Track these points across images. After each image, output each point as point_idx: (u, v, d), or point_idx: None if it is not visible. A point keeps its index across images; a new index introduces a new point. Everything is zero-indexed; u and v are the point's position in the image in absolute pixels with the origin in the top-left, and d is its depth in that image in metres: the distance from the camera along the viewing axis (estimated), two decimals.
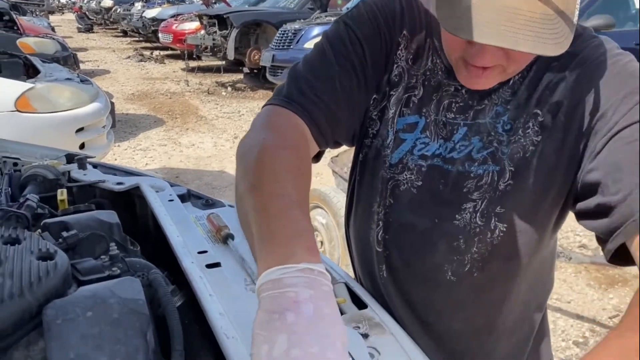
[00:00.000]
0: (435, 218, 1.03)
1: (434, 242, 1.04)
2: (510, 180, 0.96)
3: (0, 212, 1.04)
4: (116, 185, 1.48)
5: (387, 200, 1.07)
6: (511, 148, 0.95)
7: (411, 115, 1.02)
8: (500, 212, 0.98)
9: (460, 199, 1.00)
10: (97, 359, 0.75)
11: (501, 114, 0.96)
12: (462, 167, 0.99)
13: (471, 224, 1.00)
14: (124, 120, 7.60)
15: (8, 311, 0.76)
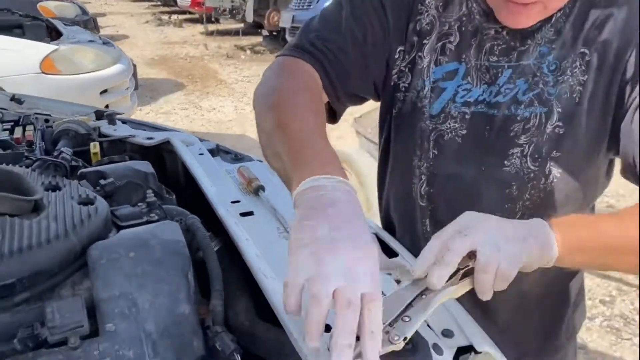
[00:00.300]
0: (482, 166, 1.01)
1: (481, 191, 1.02)
2: (558, 122, 0.94)
3: (39, 161, 1.06)
4: (146, 140, 1.50)
5: (430, 153, 1.04)
6: (558, 89, 0.93)
7: (449, 63, 1.00)
8: (557, 157, 0.96)
9: (507, 144, 0.98)
10: (140, 297, 0.78)
11: (546, 54, 0.94)
12: (507, 110, 0.97)
13: (523, 169, 0.98)
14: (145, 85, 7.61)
15: (54, 251, 0.78)
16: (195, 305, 0.81)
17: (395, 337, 0.65)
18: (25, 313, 0.75)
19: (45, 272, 0.77)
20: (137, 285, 0.78)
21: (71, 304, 0.74)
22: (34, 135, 1.42)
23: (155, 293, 0.78)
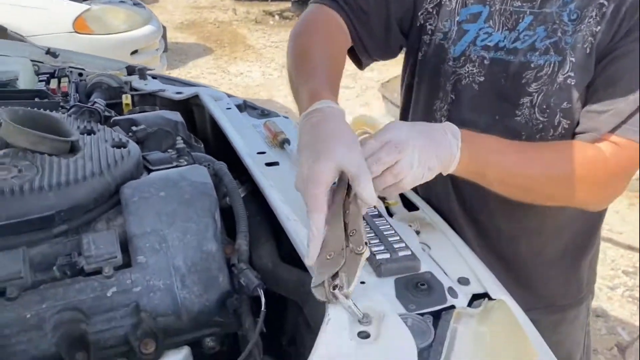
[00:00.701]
0: (496, 114, 1.03)
1: None
2: (570, 72, 0.95)
3: (75, 108, 1.10)
4: (175, 95, 1.53)
5: (449, 97, 1.07)
6: (575, 38, 0.94)
7: (475, 5, 1.02)
8: (567, 108, 0.97)
9: (518, 92, 1.00)
10: (170, 234, 0.82)
11: (568, 3, 0.95)
12: (524, 57, 0.98)
13: (532, 120, 1.00)
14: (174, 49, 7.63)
15: (89, 188, 0.83)
16: (222, 244, 0.85)
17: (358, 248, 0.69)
18: (63, 245, 0.80)
19: (82, 206, 0.81)
20: (167, 223, 0.82)
21: (106, 236, 0.78)
22: (68, 87, 1.46)
23: (184, 231, 0.82)
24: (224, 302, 0.82)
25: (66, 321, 0.73)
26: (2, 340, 0.71)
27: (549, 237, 1.14)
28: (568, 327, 1.27)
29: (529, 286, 1.17)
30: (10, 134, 0.86)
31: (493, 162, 0.89)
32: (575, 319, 1.27)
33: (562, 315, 1.24)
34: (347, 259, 0.68)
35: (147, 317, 0.76)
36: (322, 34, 1.04)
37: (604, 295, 2.84)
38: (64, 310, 0.73)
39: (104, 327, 0.75)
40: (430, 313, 0.75)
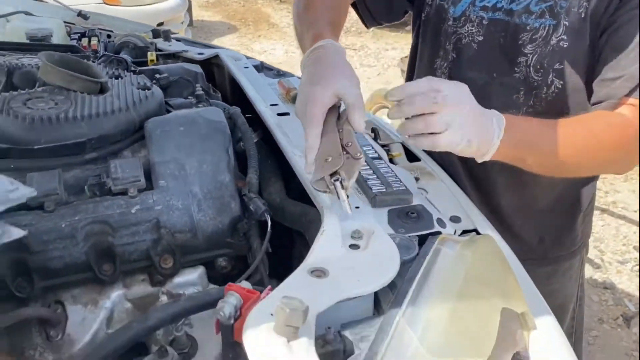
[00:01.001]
0: (494, 72, 1.09)
1: (492, 96, 1.10)
2: (563, 36, 1.00)
3: (104, 57, 1.20)
4: (197, 55, 1.62)
5: (450, 55, 1.13)
6: (569, 2, 0.99)
7: None
8: (559, 69, 1.02)
9: (515, 52, 1.05)
10: (188, 163, 0.91)
11: None
12: (519, 19, 1.03)
13: (528, 78, 1.05)
14: (199, 27, 7.73)
15: (116, 121, 0.93)
16: (234, 175, 0.95)
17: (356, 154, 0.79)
18: (93, 170, 0.90)
19: (110, 137, 0.91)
20: (185, 154, 0.91)
21: (131, 162, 0.88)
22: (97, 46, 1.56)
23: (200, 161, 0.92)
24: (235, 226, 0.91)
25: (96, 233, 0.83)
26: (41, 246, 0.81)
27: (544, 189, 1.20)
28: (561, 279, 1.32)
29: (522, 238, 1.24)
30: (48, 74, 0.96)
31: (531, 148, 0.93)
32: (568, 270, 1.32)
33: (555, 267, 1.30)
34: (345, 162, 0.77)
35: (166, 233, 0.86)
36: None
37: (614, 268, 2.89)
38: (94, 222, 0.83)
39: (128, 241, 0.85)
40: (417, 236, 0.83)
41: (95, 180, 0.86)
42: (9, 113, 0.86)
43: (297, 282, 0.64)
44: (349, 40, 6.96)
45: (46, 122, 0.86)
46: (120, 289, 0.89)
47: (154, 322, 0.75)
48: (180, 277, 0.91)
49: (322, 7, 1.06)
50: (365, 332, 0.62)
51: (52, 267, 0.83)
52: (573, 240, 1.30)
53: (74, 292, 0.87)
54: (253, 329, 0.54)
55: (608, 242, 3.09)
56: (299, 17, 1.07)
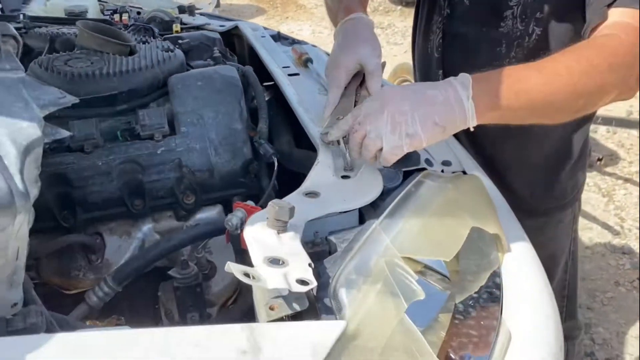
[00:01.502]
0: (483, 27, 1.17)
1: (479, 48, 1.19)
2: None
3: (133, 26, 1.34)
4: (219, 27, 1.75)
5: (444, 11, 1.22)
6: None
7: None
8: (539, 17, 1.11)
9: (502, 7, 1.13)
10: (205, 113, 1.05)
11: None
12: None
13: (513, 29, 1.14)
14: (228, 10, 7.87)
15: (144, 77, 1.06)
16: (246, 125, 1.08)
17: None
18: (123, 119, 1.04)
19: (138, 91, 1.05)
20: (202, 105, 1.05)
21: (156, 111, 1.02)
22: (128, 21, 1.70)
23: (216, 111, 1.05)
24: (247, 168, 1.05)
25: (127, 171, 0.97)
26: (82, 181, 0.96)
27: (533, 141, 1.28)
28: (552, 231, 1.38)
29: (513, 189, 1.31)
30: (84, 39, 1.10)
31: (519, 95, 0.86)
32: (559, 223, 1.39)
33: (546, 219, 1.36)
34: None
35: (187, 171, 0.99)
36: None
37: (633, 235, 2.93)
38: (125, 162, 0.97)
39: (155, 178, 0.99)
40: (402, 171, 0.94)
41: (126, 126, 1.00)
42: (52, 70, 1.01)
43: (292, 200, 0.77)
44: (376, 19, 7.00)
45: (84, 77, 1.00)
46: (150, 223, 1.04)
47: (177, 241, 0.89)
48: (201, 214, 1.05)
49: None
50: (347, 237, 0.74)
51: (91, 200, 0.97)
52: (562, 192, 1.35)
53: (111, 225, 1.02)
54: (251, 226, 0.67)
55: (629, 209, 3.12)
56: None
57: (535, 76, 0.87)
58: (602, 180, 3.37)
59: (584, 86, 0.87)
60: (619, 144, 3.78)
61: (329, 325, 0.57)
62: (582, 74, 0.87)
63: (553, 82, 0.86)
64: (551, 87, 0.86)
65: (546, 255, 1.40)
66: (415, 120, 0.80)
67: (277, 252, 0.61)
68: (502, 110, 0.86)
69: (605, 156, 3.58)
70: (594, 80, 0.88)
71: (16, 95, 0.53)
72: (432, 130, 0.82)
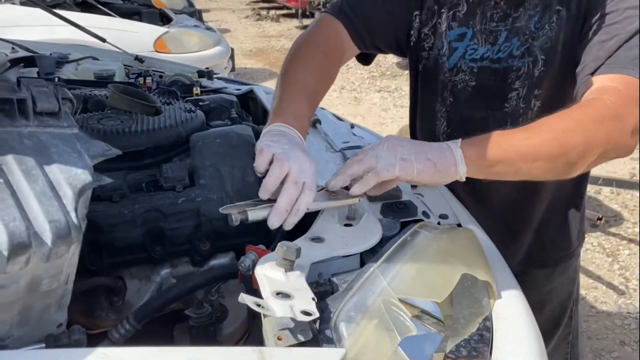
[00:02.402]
0: (488, 109, 1.27)
1: (487, 128, 1.25)
2: (542, 67, 1.19)
3: (158, 89, 1.47)
4: (235, 90, 1.89)
5: (448, 100, 1.32)
6: (540, 41, 1.18)
7: (460, 27, 1.26)
8: (538, 94, 1.22)
9: (506, 90, 1.24)
10: (222, 167, 1.15)
11: (532, 16, 1.19)
12: (506, 63, 1.22)
13: (517, 108, 1.24)
14: (242, 74, 8.19)
15: (168, 135, 1.18)
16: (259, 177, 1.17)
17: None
18: (149, 172, 1.15)
19: (163, 147, 1.16)
20: (220, 160, 1.15)
21: (178, 165, 1.13)
22: (151, 84, 1.85)
23: (232, 166, 1.15)
24: None
25: (151, 219, 1.07)
26: (109, 228, 1.05)
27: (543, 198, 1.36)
28: (560, 279, 1.48)
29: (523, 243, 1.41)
30: (115, 100, 1.23)
31: (503, 147, 0.94)
32: (566, 270, 1.48)
33: (555, 268, 1.46)
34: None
35: (205, 220, 1.09)
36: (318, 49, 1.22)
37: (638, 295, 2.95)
38: (149, 210, 1.07)
39: (175, 226, 1.08)
40: (400, 221, 1.03)
41: (150, 179, 1.11)
42: (87, 128, 1.12)
43: (299, 244, 0.85)
44: (383, 83, 7.26)
45: (115, 134, 1.12)
46: (168, 268, 1.12)
47: (193, 283, 0.97)
48: (215, 260, 1.14)
49: (304, 75, 1.15)
50: (348, 278, 0.83)
51: (117, 246, 1.07)
52: (571, 240, 1.45)
53: (132, 269, 1.11)
54: (261, 265, 0.76)
55: (634, 270, 3.15)
56: (283, 72, 1.17)
57: (519, 133, 0.97)
58: (606, 241, 3.42)
59: (568, 140, 0.95)
60: (623, 205, 3.84)
61: (331, 352, 0.64)
62: (566, 129, 0.95)
63: (536, 136, 0.95)
64: (534, 141, 0.95)
65: (555, 302, 1.50)
66: (411, 152, 0.91)
67: (285, 287, 0.70)
68: (489, 160, 0.95)
69: (609, 217, 3.65)
70: (578, 134, 0.95)
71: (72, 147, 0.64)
72: (424, 163, 0.91)
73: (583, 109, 1.00)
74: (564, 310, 1.52)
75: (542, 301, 1.46)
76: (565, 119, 0.97)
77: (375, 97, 6.79)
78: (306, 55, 1.20)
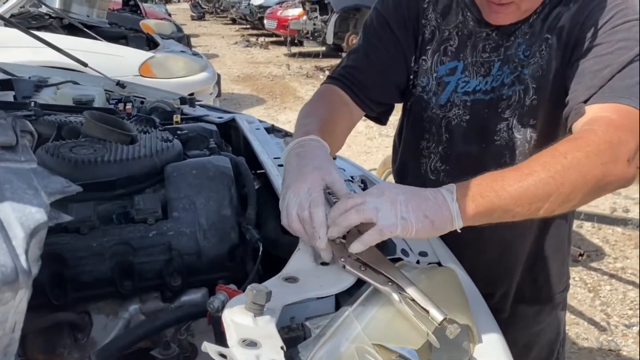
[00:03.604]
0: (483, 143, 1.25)
1: (485, 163, 1.22)
2: (534, 96, 1.17)
3: (136, 117, 1.44)
4: (217, 118, 1.86)
5: (443, 137, 1.29)
6: (531, 69, 1.17)
7: (451, 62, 1.25)
8: (534, 124, 1.19)
9: (495, 120, 1.21)
10: (197, 199, 1.12)
11: (522, 44, 1.18)
12: (498, 92, 1.21)
13: (512, 139, 1.21)
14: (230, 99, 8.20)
15: (142, 165, 1.15)
16: (235, 210, 1.14)
17: None
18: (120, 203, 1.11)
19: (136, 178, 1.13)
20: (195, 192, 1.12)
21: (151, 197, 1.09)
22: (132, 110, 1.82)
23: (207, 198, 1.12)
24: (233, 252, 1.10)
25: (120, 252, 1.03)
26: (76, 261, 1.01)
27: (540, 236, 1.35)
28: (549, 317, 1.45)
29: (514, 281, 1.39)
30: (90, 127, 1.19)
31: (499, 194, 0.91)
32: (555, 308, 1.46)
33: (544, 306, 1.44)
34: None
35: (176, 255, 1.05)
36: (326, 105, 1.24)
37: (619, 331, 2.93)
38: (118, 243, 1.03)
39: (145, 260, 1.04)
40: None
41: (122, 210, 1.07)
42: (58, 156, 1.09)
43: (271, 285, 0.82)
44: None
45: (86, 163, 1.08)
46: (137, 303, 1.07)
47: (161, 322, 0.93)
48: (186, 296, 1.09)
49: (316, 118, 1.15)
50: (322, 323, 0.79)
51: (83, 280, 1.02)
52: (562, 275, 1.43)
53: (99, 304, 1.06)
54: (230, 308, 0.72)
55: (615, 306, 3.14)
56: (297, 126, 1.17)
57: (513, 174, 0.92)
58: (587, 276, 3.42)
59: (564, 178, 0.91)
60: (604, 240, 3.85)
61: None
62: (560, 167, 0.92)
63: (530, 177, 0.91)
64: (529, 182, 0.91)
65: (543, 343, 1.47)
66: (409, 209, 0.86)
67: (252, 334, 0.66)
68: (485, 211, 0.91)
69: (591, 251, 3.64)
70: (573, 171, 0.92)
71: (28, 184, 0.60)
72: (422, 221, 0.87)
73: (575, 142, 0.96)
74: (552, 351, 1.50)
75: (530, 342, 1.44)
76: (558, 156, 0.94)
77: (360, 126, 6.80)
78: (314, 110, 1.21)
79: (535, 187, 0.91)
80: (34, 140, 0.84)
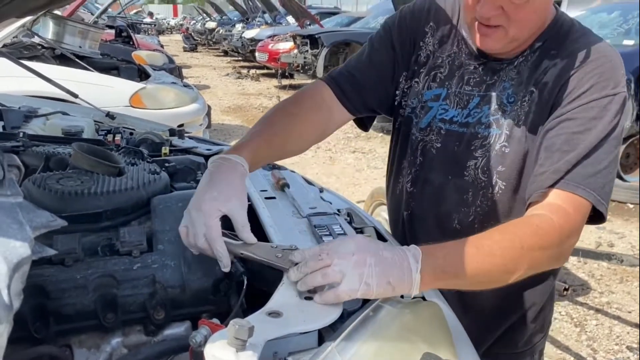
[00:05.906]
0: (449, 175, 1.28)
1: (446, 195, 1.28)
2: (504, 142, 1.19)
3: (124, 149, 1.45)
4: (205, 150, 1.88)
5: (417, 159, 1.33)
6: (511, 116, 1.19)
7: (437, 88, 1.30)
8: (501, 171, 1.20)
9: (467, 156, 1.24)
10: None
11: (507, 88, 1.21)
12: (473, 129, 1.23)
13: (477, 179, 1.23)
14: (220, 130, 8.24)
15: (128, 197, 1.15)
16: None
17: None
18: (106, 235, 1.11)
19: (122, 210, 1.13)
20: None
21: (137, 229, 1.09)
22: (121, 141, 1.83)
23: None
24: (217, 286, 1.10)
25: (103, 285, 1.02)
26: (59, 293, 1.00)
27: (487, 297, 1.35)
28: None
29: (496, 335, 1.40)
30: (77, 159, 1.20)
31: (457, 270, 0.96)
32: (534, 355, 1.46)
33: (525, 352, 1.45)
34: None
35: (160, 287, 1.05)
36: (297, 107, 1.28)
37: None
38: (102, 276, 1.02)
39: (129, 293, 1.04)
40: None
41: (107, 242, 1.07)
42: (44, 188, 1.09)
43: (254, 319, 0.82)
44: (359, 144, 7.37)
45: (73, 195, 1.09)
46: (119, 337, 1.06)
47: (142, 356, 0.92)
48: (169, 330, 1.09)
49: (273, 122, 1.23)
50: (305, 358, 0.79)
51: (65, 312, 1.01)
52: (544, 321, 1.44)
53: (81, 337, 1.05)
54: (212, 343, 0.72)
55: (601, 341, 3.14)
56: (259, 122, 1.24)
57: (474, 254, 0.98)
58: (573, 310, 3.42)
59: (515, 265, 1.01)
60: (590, 274, 3.87)
61: None
62: (515, 255, 1.00)
63: (488, 260, 0.99)
64: (486, 266, 0.99)
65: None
66: (373, 275, 0.89)
67: None
68: (445, 284, 1.01)
69: (577, 286, 3.66)
70: (525, 259, 1.01)
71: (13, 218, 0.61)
72: (384, 287, 0.90)
73: (534, 232, 1.02)
74: None
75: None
76: (516, 242, 1.00)
77: (349, 158, 6.86)
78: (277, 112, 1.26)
79: (489, 273, 1.01)
80: (20, 174, 0.85)
